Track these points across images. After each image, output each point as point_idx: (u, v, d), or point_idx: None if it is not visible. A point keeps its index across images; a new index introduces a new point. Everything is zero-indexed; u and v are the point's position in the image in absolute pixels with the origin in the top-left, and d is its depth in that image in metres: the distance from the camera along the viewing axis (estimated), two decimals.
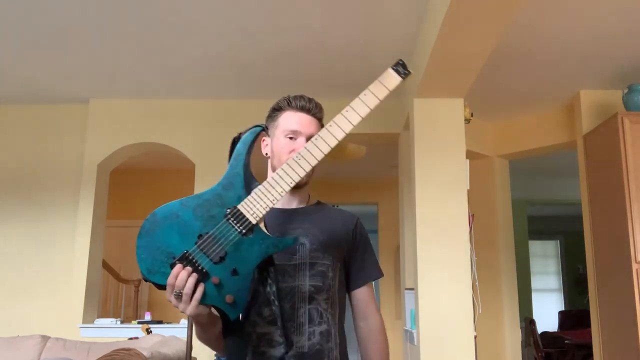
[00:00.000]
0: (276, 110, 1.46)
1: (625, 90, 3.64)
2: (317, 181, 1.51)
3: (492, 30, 2.61)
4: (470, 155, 3.92)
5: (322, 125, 1.47)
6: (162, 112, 4.39)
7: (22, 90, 4.26)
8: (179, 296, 1.15)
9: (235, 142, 1.27)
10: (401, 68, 1.28)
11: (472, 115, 3.61)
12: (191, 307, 1.16)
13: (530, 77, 3.81)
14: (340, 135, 1.23)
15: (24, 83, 4.13)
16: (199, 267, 1.16)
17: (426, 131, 3.45)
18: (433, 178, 3.40)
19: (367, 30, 3.22)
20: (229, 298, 1.18)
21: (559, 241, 9.68)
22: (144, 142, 4.38)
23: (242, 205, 1.21)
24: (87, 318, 4.12)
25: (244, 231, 1.20)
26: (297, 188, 1.46)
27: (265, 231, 1.23)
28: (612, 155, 3.45)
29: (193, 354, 3.47)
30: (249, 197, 1.21)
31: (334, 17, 3.10)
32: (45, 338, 3.69)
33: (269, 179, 1.23)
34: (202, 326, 1.28)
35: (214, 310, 1.24)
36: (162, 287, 1.18)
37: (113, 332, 4.03)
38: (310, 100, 1.45)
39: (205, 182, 4.15)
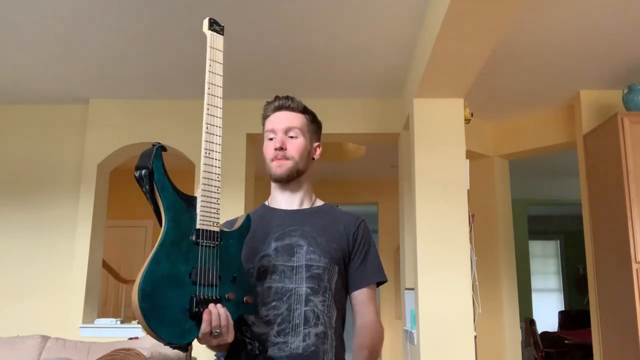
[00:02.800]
0: (264, 119, 1.53)
1: (625, 90, 3.64)
2: (317, 181, 1.51)
3: (492, 31, 2.61)
4: (470, 155, 3.92)
5: (305, 116, 1.51)
6: (161, 112, 4.39)
7: (22, 90, 4.26)
8: (219, 334, 1.18)
9: (140, 178, 1.25)
10: (216, 26, 1.36)
11: (472, 115, 3.61)
12: (231, 333, 1.21)
13: (530, 77, 3.81)
14: (219, 112, 1.31)
15: (24, 83, 4.13)
16: (213, 298, 1.20)
17: (426, 131, 3.45)
18: (433, 178, 3.40)
19: (367, 30, 3.22)
20: (248, 299, 1.26)
21: (559, 241, 9.69)
22: (144, 142, 4.38)
23: (200, 224, 1.24)
24: (87, 318, 4.11)
25: (217, 243, 1.25)
26: (282, 182, 1.47)
27: (226, 229, 1.29)
28: (612, 155, 3.45)
29: (193, 354, 3.47)
30: (199, 213, 1.25)
31: (333, 18, 3.09)
32: (45, 338, 3.68)
33: (200, 185, 1.27)
34: (227, 345, 1.29)
35: None
36: (194, 339, 1.19)
37: (113, 332, 4.02)
38: (284, 97, 1.50)
39: None
